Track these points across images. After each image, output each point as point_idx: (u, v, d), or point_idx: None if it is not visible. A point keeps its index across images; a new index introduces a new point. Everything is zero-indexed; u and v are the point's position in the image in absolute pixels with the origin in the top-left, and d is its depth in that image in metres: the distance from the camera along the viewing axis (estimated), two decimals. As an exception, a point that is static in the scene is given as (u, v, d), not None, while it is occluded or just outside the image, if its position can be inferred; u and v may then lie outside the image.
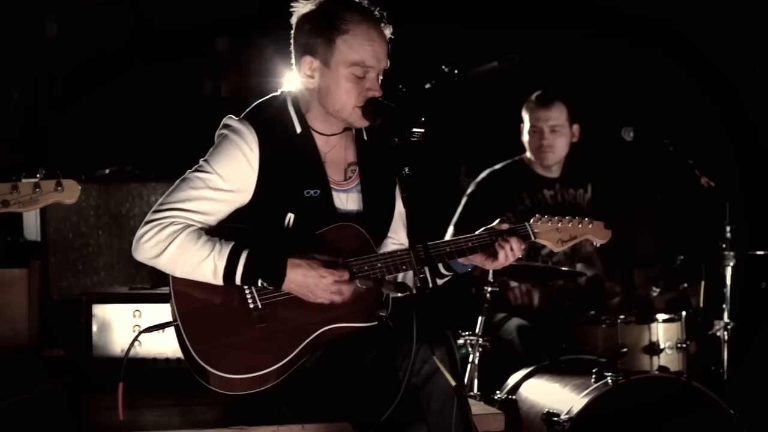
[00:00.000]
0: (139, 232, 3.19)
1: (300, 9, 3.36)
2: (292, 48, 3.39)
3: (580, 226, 3.58)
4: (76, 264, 5.24)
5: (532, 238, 3.52)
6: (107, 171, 5.52)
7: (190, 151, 6.31)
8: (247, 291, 3.21)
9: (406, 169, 2.97)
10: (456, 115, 5.99)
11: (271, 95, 3.44)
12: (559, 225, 3.55)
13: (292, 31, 3.38)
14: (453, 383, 2.76)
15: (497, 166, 5.21)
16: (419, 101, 4.11)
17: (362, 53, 3.27)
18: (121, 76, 6.84)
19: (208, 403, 3.33)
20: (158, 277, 5.18)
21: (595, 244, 3.64)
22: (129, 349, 3.26)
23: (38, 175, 2.98)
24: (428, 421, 3.00)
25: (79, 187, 3.02)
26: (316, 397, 3.24)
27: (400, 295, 3.12)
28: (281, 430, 3.30)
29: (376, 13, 3.35)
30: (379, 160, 3.49)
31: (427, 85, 4.21)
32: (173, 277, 3.21)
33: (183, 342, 3.17)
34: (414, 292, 2.91)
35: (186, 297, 3.19)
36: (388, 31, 3.35)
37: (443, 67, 4.22)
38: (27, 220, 5.46)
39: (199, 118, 6.52)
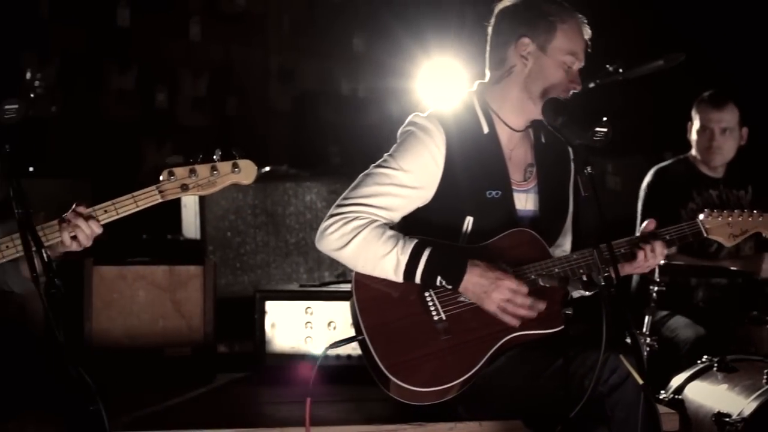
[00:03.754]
0: (324, 224, 3.25)
1: (505, 3, 3.43)
2: (497, 37, 3.41)
3: (750, 219, 3.57)
4: (235, 262, 5.37)
5: (705, 234, 3.50)
6: (264, 170, 5.63)
7: (335, 150, 6.45)
8: (429, 302, 3.22)
9: (589, 169, 2.97)
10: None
11: (457, 95, 3.47)
12: (730, 219, 3.54)
13: (500, 19, 3.41)
14: (641, 382, 2.77)
15: (664, 164, 5.14)
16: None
17: (577, 44, 3.35)
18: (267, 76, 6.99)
19: (383, 399, 3.31)
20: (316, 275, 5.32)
21: (765, 236, 3.63)
22: (317, 363, 3.25)
23: (215, 157, 2.99)
24: (611, 430, 2.99)
25: (256, 168, 3.03)
26: (495, 402, 3.26)
27: (587, 294, 3.11)
28: (458, 427, 3.32)
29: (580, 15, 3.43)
30: (554, 162, 3.50)
31: (591, 84, 4.18)
32: (356, 291, 3.24)
33: (370, 355, 3.18)
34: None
35: (371, 311, 3.22)
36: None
37: (607, 65, 4.18)
38: (186, 219, 5.61)
39: (338, 118, 6.67)
